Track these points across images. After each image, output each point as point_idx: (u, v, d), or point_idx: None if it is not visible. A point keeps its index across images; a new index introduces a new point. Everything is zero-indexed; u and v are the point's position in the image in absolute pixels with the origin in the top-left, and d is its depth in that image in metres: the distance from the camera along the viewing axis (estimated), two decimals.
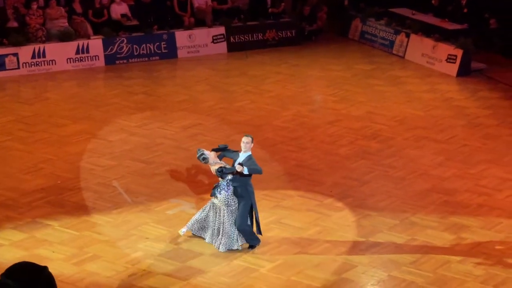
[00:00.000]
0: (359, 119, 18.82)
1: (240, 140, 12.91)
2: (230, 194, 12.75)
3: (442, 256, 12.87)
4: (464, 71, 22.25)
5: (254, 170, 12.75)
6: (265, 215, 14.15)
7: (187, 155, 16.61)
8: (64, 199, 14.68)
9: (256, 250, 12.96)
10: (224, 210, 12.81)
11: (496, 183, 15.50)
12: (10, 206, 14.38)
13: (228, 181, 12.74)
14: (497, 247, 13.14)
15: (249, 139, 12.91)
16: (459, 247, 13.19)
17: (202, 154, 12.85)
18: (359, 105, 19.84)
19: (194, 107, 19.63)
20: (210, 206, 13.04)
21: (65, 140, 17.37)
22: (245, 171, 12.63)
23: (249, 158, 12.78)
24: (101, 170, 15.87)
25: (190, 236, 13.24)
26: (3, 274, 3.56)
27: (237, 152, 12.97)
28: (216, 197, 12.83)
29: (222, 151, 13.12)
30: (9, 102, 19.83)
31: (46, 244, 13.00)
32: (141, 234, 13.40)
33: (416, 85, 21.58)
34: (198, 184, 15.36)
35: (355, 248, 13.12)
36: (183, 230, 13.23)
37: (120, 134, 17.75)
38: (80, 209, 14.29)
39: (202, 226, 13.14)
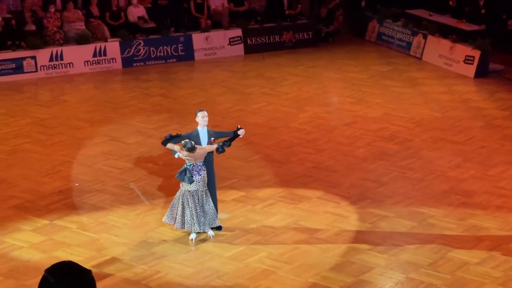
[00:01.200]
0: (376, 121, 18.78)
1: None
2: (204, 175, 12.93)
3: (460, 257, 12.83)
4: (482, 72, 22.17)
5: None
6: (282, 217, 14.16)
7: None
8: (82, 202, 14.72)
9: (274, 251, 12.94)
10: (202, 192, 12.99)
11: None
12: (29, 209, 14.42)
13: (200, 163, 12.90)
14: None
15: (205, 113, 13.34)
16: (478, 248, 13.15)
17: (191, 143, 12.76)
18: (376, 106, 19.79)
19: (211, 109, 19.59)
20: (187, 196, 12.97)
21: (83, 143, 17.41)
22: (243, 132, 13.44)
23: (210, 131, 13.31)
24: (118, 173, 15.90)
25: (204, 238, 13.25)
26: (47, 269, 3.55)
27: (190, 132, 13.23)
28: (191, 182, 12.83)
29: (174, 138, 13.09)
30: (27, 105, 19.89)
31: (64, 246, 13.03)
32: (159, 236, 13.42)
33: (433, 86, 21.52)
34: (216, 186, 15.33)
35: (373, 250, 13.09)
36: (192, 236, 13.23)
37: (137, 137, 17.77)
38: (97, 211, 14.32)
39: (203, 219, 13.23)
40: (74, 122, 18.65)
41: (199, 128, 13.22)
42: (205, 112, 13.33)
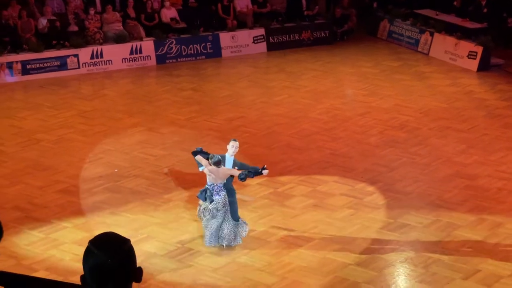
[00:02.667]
0: (387, 111, 18.69)
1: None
2: (224, 196, 12.25)
3: (465, 235, 12.77)
4: (484, 66, 22.02)
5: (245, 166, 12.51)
6: (302, 199, 14.14)
7: None
8: (121, 186, 14.76)
9: (294, 230, 12.93)
10: (221, 211, 12.26)
11: None
12: (73, 192, 14.48)
13: (221, 184, 12.24)
14: None
15: (237, 143, 12.52)
16: (481, 227, 13.08)
17: (217, 156, 12.20)
18: (387, 98, 19.70)
19: (237, 101, 19.62)
20: (208, 212, 12.27)
21: (121, 132, 17.45)
22: (265, 173, 12.42)
23: (236, 161, 12.43)
24: (153, 159, 15.92)
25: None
26: (90, 241, 3.56)
27: (219, 155, 12.34)
28: (211, 202, 12.18)
29: (204, 154, 12.42)
30: (71, 99, 19.95)
31: (105, 226, 13.07)
32: (190, 217, 13.43)
33: (439, 79, 21.39)
34: None
35: (385, 228, 13.06)
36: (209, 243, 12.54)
37: (170, 127, 17.79)
38: (135, 194, 14.36)
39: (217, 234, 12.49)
40: (113, 114, 18.69)
41: (227, 155, 12.40)
42: (237, 143, 12.50)
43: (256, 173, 12.33)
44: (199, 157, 12.31)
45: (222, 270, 11.82)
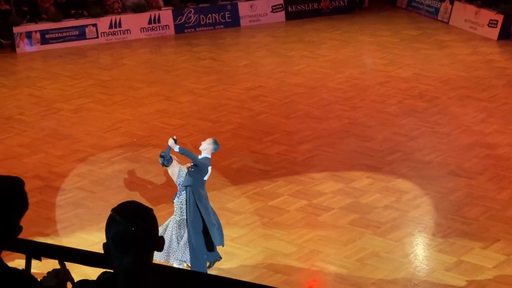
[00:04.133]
0: (406, 80, 18.61)
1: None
2: (183, 199, 10.65)
3: (485, 205, 12.75)
4: (505, 35, 21.84)
5: (187, 153, 10.78)
6: (320, 168, 14.15)
7: (250, 114, 16.61)
8: (140, 155, 14.80)
9: (313, 200, 12.95)
10: (178, 222, 10.69)
11: None
12: (93, 162, 14.54)
13: (180, 182, 10.72)
14: None
15: (211, 140, 10.83)
16: (500, 196, 13.05)
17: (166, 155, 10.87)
18: (406, 67, 19.61)
19: (255, 70, 19.59)
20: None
21: (140, 102, 17.47)
22: (176, 149, 10.72)
23: (203, 157, 10.74)
24: (172, 129, 15.94)
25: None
26: (113, 209, 3.58)
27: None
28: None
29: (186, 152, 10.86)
30: (90, 68, 19.98)
31: (124, 193, 13.14)
32: (210, 186, 13.46)
33: (459, 48, 21.26)
34: (261, 141, 15.35)
35: (402, 197, 13.05)
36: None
37: (189, 96, 17.79)
38: (153, 164, 14.40)
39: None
40: (132, 83, 18.71)
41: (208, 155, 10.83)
42: (210, 140, 10.89)
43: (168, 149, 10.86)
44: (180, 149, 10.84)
45: (241, 240, 11.86)
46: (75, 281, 3.85)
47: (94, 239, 11.56)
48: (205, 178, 10.72)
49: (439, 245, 11.69)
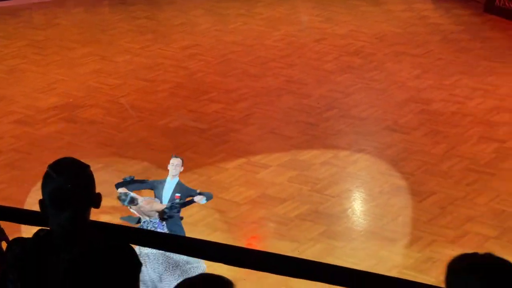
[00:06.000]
0: (343, 37, 18.69)
1: None
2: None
3: (420, 158, 12.94)
4: None
5: (210, 196, 9.73)
6: (259, 126, 14.19)
7: (186, 73, 16.55)
8: (76, 116, 14.67)
9: (252, 158, 13.00)
10: (160, 260, 9.29)
11: (468, 93, 15.48)
12: (28, 123, 14.37)
13: (156, 219, 9.45)
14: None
15: (179, 161, 9.67)
16: (435, 150, 13.26)
17: (128, 195, 9.42)
18: (343, 24, 19.68)
19: (192, 29, 19.47)
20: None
21: (75, 62, 17.26)
22: (204, 201, 9.61)
23: (181, 185, 9.64)
24: (108, 89, 15.81)
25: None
26: (49, 165, 3.57)
27: (155, 180, 9.78)
28: None
29: (129, 184, 9.62)
30: (23, 28, 19.63)
31: (62, 154, 13.00)
32: (148, 145, 13.43)
33: (395, 5, 21.37)
34: (198, 99, 15.32)
35: (340, 153, 13.18)
36: None
37: (124, 56, 17.63)
38: (90, 124, 14.30)
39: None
40: (67, 43, 18.46)
41: (168, 178, 9.63)
42: (179, 160, 9.66)
43: (187, 203, 9.66)
44: (122, 190, 9.51)
45: None
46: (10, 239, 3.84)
47: (30, 200, 11.46)
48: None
49: (376, 199, 11.87)
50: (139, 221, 9.43)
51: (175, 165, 9.58)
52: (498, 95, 15.27)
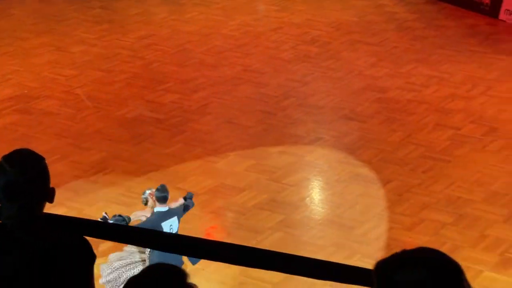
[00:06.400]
0: (299, 26, 18.70)
1: None
2: None
3: (377, 146, 13.01)
4: None
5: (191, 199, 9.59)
6: (215, 115, 14.16)
7: (143, 63, 16.45)
8: (32, 107, 14.52)
9: (210, 148, 12.97)
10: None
11: (424, 80, 15.58)
12: None
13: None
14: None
15: (151, 190, 9.31)
16: (391, 138, 13.33)
17: (121, 216, 9.13)
18: (299, 13, 19.68)
19: (148, 19, 19.35)
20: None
21: (30, 53, 17.08)
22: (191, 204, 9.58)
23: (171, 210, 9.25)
24: (64, 80, 15.67)
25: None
26: (3, 157, 3.50)
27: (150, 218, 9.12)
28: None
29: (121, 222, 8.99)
30: None
31: (17, 145, 12.87)
32: (104, 136, 13.34)
33: None
34: (155, 89, 15.24)
35: (299, 142, 13.20)
36: None
37: (80, 46, 17.47)
38: (46, 115, 14.16)
39: None
40: (21, 34, 18.24)
41: (156, 209, 9.13)
42: (150, 191, 9.28)
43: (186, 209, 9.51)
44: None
45: (137, 189, 11.81)
46: None
47: None
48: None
49: (334, 188, 11.91)
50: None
51: (147, 194, 9.26)
52: (452, 83, 15.39)
